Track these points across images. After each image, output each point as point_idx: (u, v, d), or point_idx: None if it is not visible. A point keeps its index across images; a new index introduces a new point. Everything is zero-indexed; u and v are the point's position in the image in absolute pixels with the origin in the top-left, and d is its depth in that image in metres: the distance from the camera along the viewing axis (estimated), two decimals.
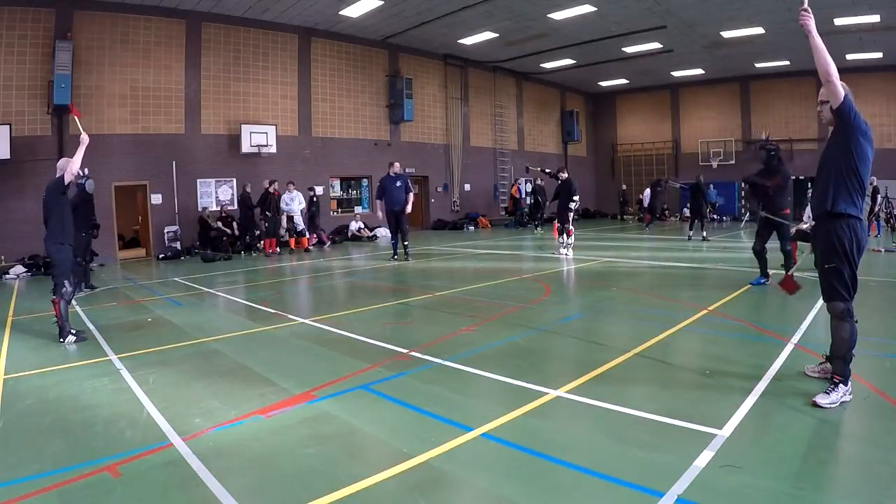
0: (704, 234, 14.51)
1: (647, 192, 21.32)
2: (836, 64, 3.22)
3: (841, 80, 3.34)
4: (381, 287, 8.70)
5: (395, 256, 11.24)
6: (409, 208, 11.15)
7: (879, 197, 14.05)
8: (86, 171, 8.56)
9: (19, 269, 11.17)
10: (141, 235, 14.98)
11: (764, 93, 23.38)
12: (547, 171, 13.00)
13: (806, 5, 3.36)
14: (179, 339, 5.43)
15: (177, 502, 2.48)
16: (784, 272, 3.96)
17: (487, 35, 17.72)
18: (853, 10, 14.60)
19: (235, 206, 14.64)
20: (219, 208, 14.57)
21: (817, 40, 3.22)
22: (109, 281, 9.93)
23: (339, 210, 18.08)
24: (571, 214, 11.67)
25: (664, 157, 26.24)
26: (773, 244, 7.55)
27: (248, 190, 13.85)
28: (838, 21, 15.46)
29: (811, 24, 3.27)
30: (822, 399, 3.28)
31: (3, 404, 3.76)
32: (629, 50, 19.45)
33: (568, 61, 21.47)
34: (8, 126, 11.27)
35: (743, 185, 19.96)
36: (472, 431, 3.10)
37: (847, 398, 3.32)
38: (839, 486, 2.52)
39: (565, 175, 12.14)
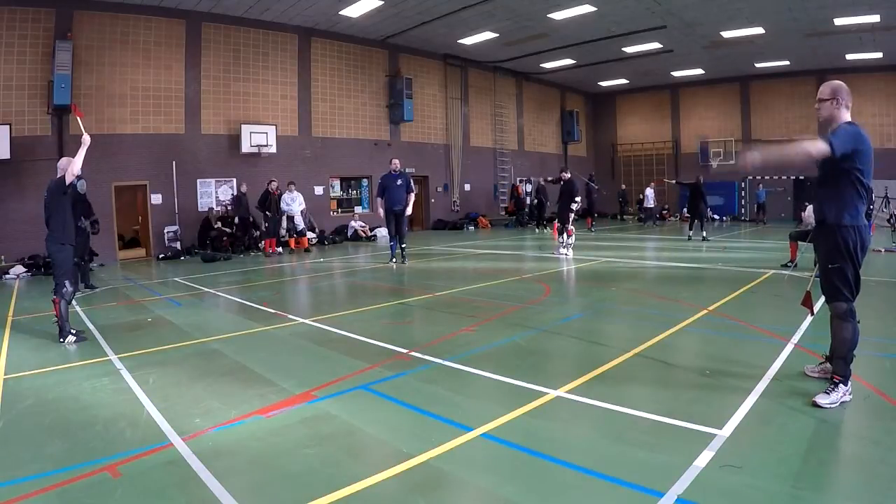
0: (704, 233, 14.51)
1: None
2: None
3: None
4: (380, 287, 8.70)
5: (394, 260, 10.80)
6: (409, 210, 10.67)
7: (876, 198, 14.05)
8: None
9: (19, 269, 11.17)
10: (141, 235, 14.96)
11: (764, 93, 23.39)
12: (549, 179, 12.98)
13: (747, 159, 3.44)
14: (179, 339, 5.43)
15: (177, 502, 2.48)
16: (806, 290, 3.92)
17: (487, 35, 17.72)
18: (853, 10, 14.60)
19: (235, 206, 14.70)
20: (220, 208, 14.59)
21: (786, 152, 3.29)
22: (109, 281, 9.93)
23: (339, 210, 18.08)
24: (572, 215, 11.66)
25: (664, 157, 26.23)
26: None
27: (274, 188, 13.61)
28: (838, 21, 15.47)
29: (756, 157, 3.40)
30: (822, 399, 3.28)
31: (3, 404, 3.76)
32: (629, 50, 19.45)
33: (568, 61, 21.47)
34: (8, 126, 11.26)
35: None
36: (472, 431, 3.10)
37: (847, 398, 3.32)
38: (839, 486, 2.52)
39: (567, 175, 12.12)
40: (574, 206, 11.73)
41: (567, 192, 11.83)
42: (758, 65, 21.32)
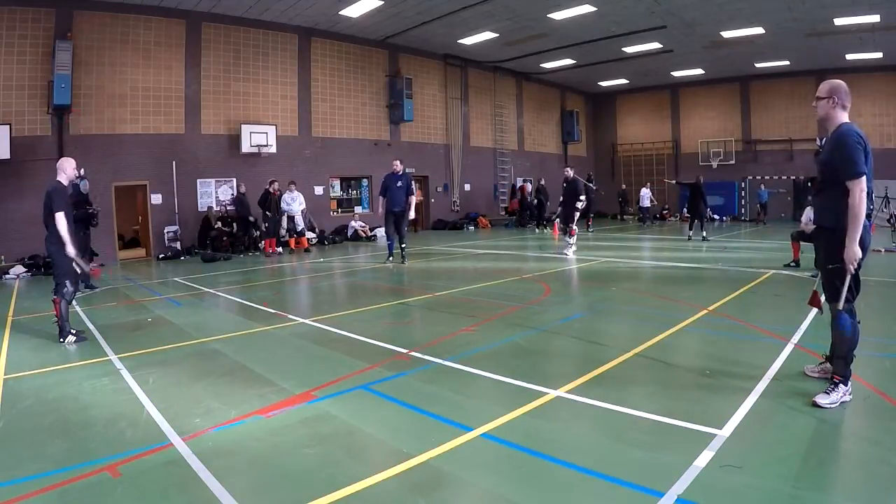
0: (704, 233, 14.50)
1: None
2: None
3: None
4: (380, 287, 8.70)
5: (391, 258, 10.83)
6: (412, 213, 10.64)
7: (876, 198, 14.07)
8: (82, 170, 8.50)
9: (19, 269, 11.17)
10: (141, 235, 14.97)
11: (764, 93, 23.38)
12: (559, 202, 12.96)
13: (852, 257, 3.20)
14: (179, 339, 5.43)
15: (177, 502, 2.48)
16: (814, 292, 3.90)
17: (487, 35, 17.71)
18: (853, 10, 14.59)
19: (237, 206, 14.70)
20: (220, 208, 14.57)
21: (855, 224, 3.15)
22: (109, 281, 9.93)
23: (339, 210, 18.08)
24: (577, 214, 11.62)
25: (664, 157, 26.23)
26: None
27: (275, 188, 13.67)
28: (838, 21, 15.46)
29: (857, 252, 3.18)
30: (822, 399, 3.28)
31: (3, 404, 3.76)
32: (629, 50, 19.44)
33: (568, 61, 21.46)
34: (8, 126, 11.25)
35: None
36: (472, 431, 3.10)
37: (847, 398, 3.32)
38: (839, 486, 2.53)
39: (571, 174, 12.07)
40: (579, 206, 11.69)
41: (571, 191, 11.77)
42: (758, 65, 21.30)
